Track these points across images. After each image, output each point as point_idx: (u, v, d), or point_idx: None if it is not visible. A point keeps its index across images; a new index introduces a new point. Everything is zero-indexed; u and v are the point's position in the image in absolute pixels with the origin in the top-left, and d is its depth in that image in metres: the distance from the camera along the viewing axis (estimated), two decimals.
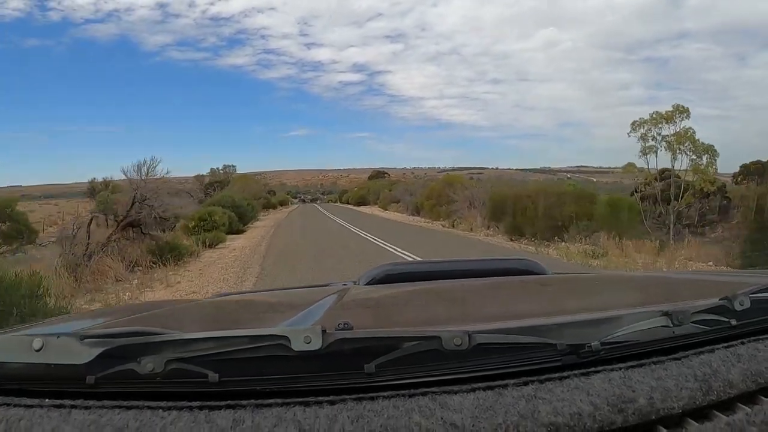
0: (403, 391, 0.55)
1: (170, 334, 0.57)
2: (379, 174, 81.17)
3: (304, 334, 0.54)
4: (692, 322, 0.67)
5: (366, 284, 1.26)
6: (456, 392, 0.55)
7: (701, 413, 0.57)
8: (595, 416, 0.53)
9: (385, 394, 0.54)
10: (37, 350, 0.56)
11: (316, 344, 0.54)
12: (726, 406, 0.59)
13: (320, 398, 0.54)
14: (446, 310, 1.02)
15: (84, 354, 0.55)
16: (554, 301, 1.11)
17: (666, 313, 0.66)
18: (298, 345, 0.54)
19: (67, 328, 0.76)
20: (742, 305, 0.69)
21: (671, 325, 0.65)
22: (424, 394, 0.54)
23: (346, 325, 0.58)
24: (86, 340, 0.56)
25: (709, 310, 0.69)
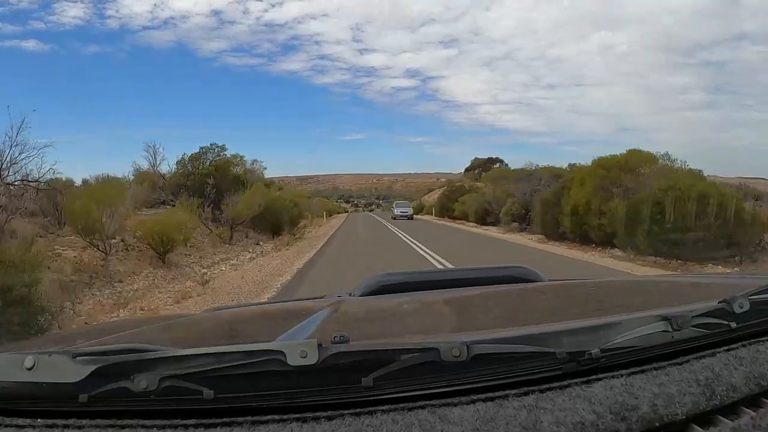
0: (401, 405, 0.54)
1: (164, 351, 0.56)
2: (489, 163, 59.57)
3: (299, 349, 0.54)
4: (692, 326, 0.66)
5: (361, 295, 1.24)
6: (456, 404, 0.54)
7: (705, 419, 0.56)
8: (598, 425, 0.52)
9: (384, 408, 0.54)
10: (29, 369, 0.55)
11: (312, 358, 0.53)
12: (730, 410, 0.58)
13: (318, 414, 0.53)
14: (443, 321, 1.01)
15: (76, 372, 0.54)
16: (552, 308, 1.10)
17: (665, 318, 0.65)
18: (294, 360, 0.53)
19: (59, 345, 0.75)
20: (741, 307, 0.68)
21: (671, 330, 0.65)
22: (423, 407, 0.54)
23: (342, 338, 0.57)
24: (78, 358, 0.55)
25: (708, 314, 0.68)
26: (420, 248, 12.93)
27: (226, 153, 18.64)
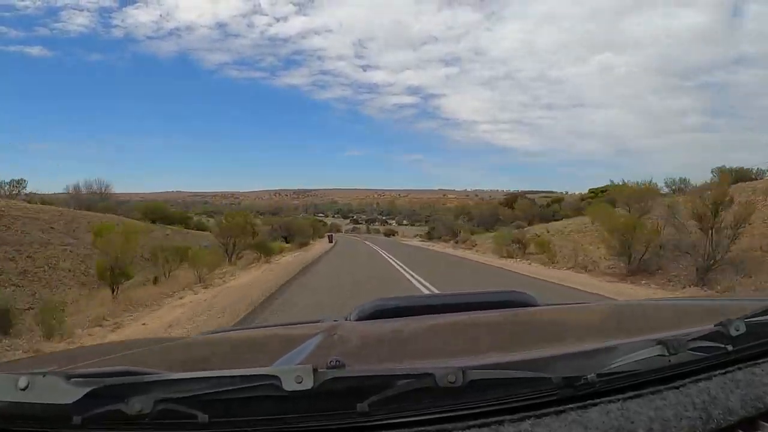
0: (396, 431, 0.54)
1: (159, 374, 0.56)
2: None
3: (295, 374, 0.53)
4: (689, 350, 0.66)
5: (357, 320, 1.24)
6: (451, 430, 0.54)
7: None
8: None
9: None
10: (23, 389, 0.55)
11: (307, 384, 0.53)
12: None
13: None
14: (439, 346, 1.01)
15: (71, 393, 0.54)
16: (548, 333, 1.10)
17: (661, 342, 0.65)
18: (289, 385, 0.53)
19: (53, 366, 0.75)
20: (737, 330, 0.69)
21: (667, 354, 0.65)
22: None
23: (337, 363, 0.57)
24: (73, 380, 0.55)
25: (704, 337, 0.68)
26: None
27: None
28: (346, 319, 1.28)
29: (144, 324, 7.00)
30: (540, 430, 0.54)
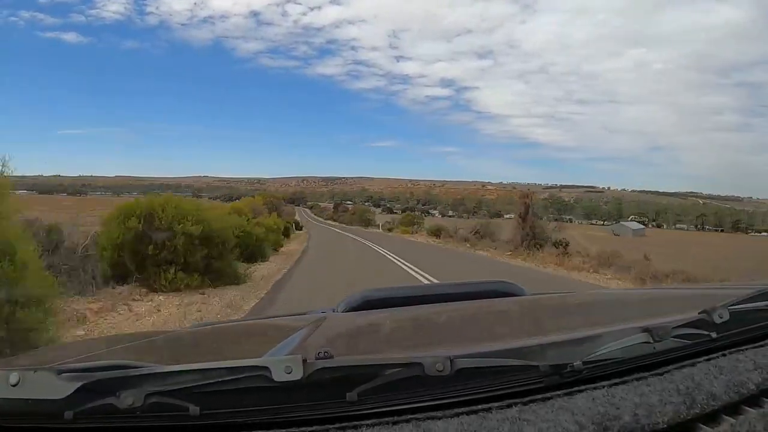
0: (386, 419, 0.55)
1: (149, 367, 0.56)
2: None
3: (284, 365, 0.54)
4: (673, 337, 0.68)
5: (345, 311, 1.24)
6: (440, 418, 0.55)
7: (686, 427, 0.57)
8: None
9: (369, 422, 0.54)
10: (14, 385, 0.54)
11: (297, 374, 0.54)
12: (710, 418, 0.59)
13: (303, 429, 0.54)
14: (427, 335, 1.02)
15: (62, 389, 0.54)
16: (535, 321, 1.11)
17: (646, 330, 0.66)
18: (279, 375, 0.54)
19: (45, 361, 0.74)
20: (721, 318, 0.70)
21: (652, 341, 0.66)
22: (407, 420, 0.54)
23: (326, 354, 0.58)
24: (64, 375, 0.55)
25: (688, 324, 0.70)
26: None
27: None
28: (335, 311, 1.28)
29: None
30: (527, 416, 0.55)
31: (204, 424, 0.54)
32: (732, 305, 0.73)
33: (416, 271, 11.30)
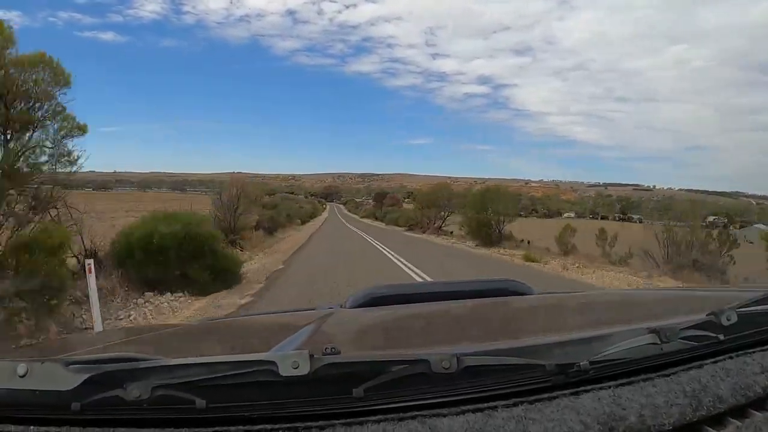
0: (392, 415, 0.55)
1: (157, 360, 0.56)
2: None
3: (291, 359, 0.54)
4: (680, 339, 0.67)
5: (352, 307, 1.24)
6: (445, 415, 0.55)
7: (692, 429, 0.57)
8: None
9: (374, 418, 0.54)
10: (22, 376, 0.55)
11: (304, 369, 0.54)
12: (716, 420, 0.59)
13: (309, 423, 0.54)
14: (434, 333, 1.02)
15: (69, 380, 0.54)
16: (542, 321, 1.11)
17: (654, 331, 0.66)
18: (285, 370, 0.54)
19: (52, 353, 0.75)
20: (729, 320, 0.69)
21: (659, 342, 0.66)
22: (413, 417, 0.54)
23: (333, 350, 0.58)
24: (72, 366, 0.55)
25: (696, 326, 0.69)
26: None
27: None
28: (341, 307, 1.29)
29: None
30: (533, 415, 0.55)
31: (210, 417, 0.55)
32: (740, 307, 0.72)
33: None
